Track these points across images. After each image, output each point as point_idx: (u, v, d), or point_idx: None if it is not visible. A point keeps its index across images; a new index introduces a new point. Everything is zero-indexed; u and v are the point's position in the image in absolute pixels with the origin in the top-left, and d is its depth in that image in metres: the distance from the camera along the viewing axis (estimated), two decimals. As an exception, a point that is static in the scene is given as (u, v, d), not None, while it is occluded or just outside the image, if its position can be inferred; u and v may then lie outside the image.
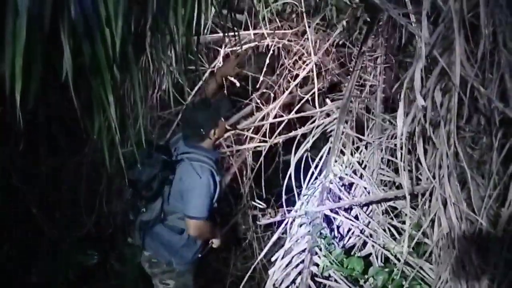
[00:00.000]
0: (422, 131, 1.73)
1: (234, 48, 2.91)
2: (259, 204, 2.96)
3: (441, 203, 1.73)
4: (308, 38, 2.96)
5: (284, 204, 2.47)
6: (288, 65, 3.18)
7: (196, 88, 2.87)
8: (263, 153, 2.84)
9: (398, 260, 2.03)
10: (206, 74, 3.00)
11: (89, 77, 1.87)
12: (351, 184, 2.26)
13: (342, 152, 2.39)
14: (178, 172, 2.12)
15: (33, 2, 1.46)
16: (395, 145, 2.12)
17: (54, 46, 1.65)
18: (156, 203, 2.14)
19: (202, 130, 2.12)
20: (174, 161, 2.14)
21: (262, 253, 2.37)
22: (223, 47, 2.99)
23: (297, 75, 3.05)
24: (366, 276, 1.99)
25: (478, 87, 1.62)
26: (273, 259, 2.20)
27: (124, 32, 1.89)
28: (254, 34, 2.99)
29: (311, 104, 3.00)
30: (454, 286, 1.84)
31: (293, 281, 2.09)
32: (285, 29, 3.12)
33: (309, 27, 2.95)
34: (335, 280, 2.01)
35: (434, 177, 1.64)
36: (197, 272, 2.43)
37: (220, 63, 2.99)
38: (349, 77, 2.78)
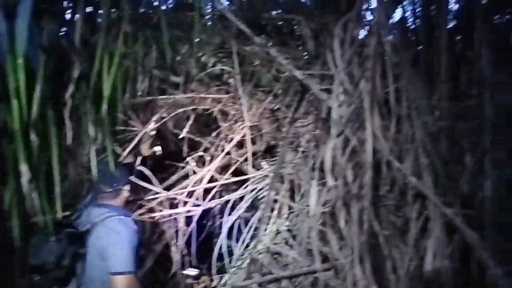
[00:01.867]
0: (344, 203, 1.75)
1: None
2: (191, 271, 2.81)
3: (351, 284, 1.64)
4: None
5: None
6: (225, 128, 3.21)
7: (128, 150, 2.79)
8: (196, 218, 2.75)
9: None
10: (140, 135, 2.93)
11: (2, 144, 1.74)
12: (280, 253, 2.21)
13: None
14: (92, 237, 1.98)
15: None
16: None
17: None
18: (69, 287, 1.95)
19: (117, 184, 2.13)
20: (84, 231, 2.01)
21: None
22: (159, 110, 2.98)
23: (232, 138, 3.07)
24: None
25: (392, 161, 1.70)
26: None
27: (44, 96, 1.81)
28: (189, 97, 3.02)
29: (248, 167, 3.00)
30: None
31: None
32: (221, 93, 3.18)
33: (244, 92, 3.03)
34: None
35: (353, 253, 1.63)
36: None
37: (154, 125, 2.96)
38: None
